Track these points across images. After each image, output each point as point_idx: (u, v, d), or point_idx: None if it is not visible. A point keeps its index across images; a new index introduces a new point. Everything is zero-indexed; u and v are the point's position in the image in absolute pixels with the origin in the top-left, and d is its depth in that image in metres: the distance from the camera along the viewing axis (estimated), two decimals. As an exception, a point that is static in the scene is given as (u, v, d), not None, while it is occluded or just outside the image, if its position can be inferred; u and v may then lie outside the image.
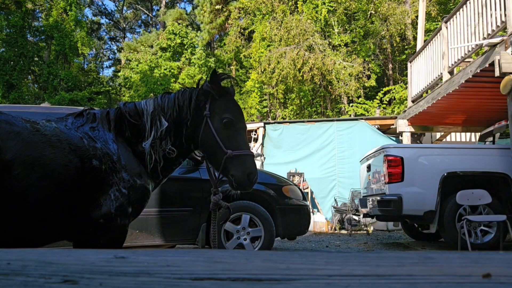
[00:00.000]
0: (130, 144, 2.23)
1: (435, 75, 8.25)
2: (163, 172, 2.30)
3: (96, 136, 2.15)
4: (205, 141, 2.28)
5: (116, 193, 2.09)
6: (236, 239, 4.72)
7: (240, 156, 2.24)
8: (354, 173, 9.59)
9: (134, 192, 2.14)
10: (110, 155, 2.12)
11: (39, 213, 1.97)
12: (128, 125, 2.24)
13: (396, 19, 15.94)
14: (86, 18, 25.20)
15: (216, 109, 2.30)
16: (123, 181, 2.12)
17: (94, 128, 2.18)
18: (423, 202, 5.80)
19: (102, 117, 2.24)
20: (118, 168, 2.12)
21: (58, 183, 1.98)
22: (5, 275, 0.60)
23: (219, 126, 2.26)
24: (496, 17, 6.07)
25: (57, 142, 2.02)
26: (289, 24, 16.17)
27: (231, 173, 2.24)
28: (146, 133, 2.23)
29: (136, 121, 2.25)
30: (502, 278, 0.60)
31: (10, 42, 19.94)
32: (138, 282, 0.58)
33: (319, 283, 0.58)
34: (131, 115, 2.25)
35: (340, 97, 17.24)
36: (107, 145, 2.14)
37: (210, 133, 2.26)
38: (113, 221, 2.10)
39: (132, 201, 2.15)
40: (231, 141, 2.25)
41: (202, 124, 2.28)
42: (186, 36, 22.07)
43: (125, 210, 2.13)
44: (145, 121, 2.24)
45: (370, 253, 0.85)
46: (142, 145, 2.21)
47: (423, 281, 0.59)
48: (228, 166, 2.23)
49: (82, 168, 2.03)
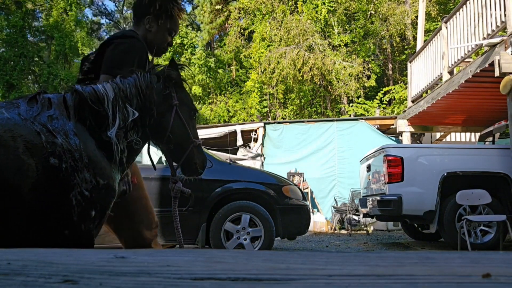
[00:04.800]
0: (94, 134, 2.02)
1: (435, 75, 8.25)
2: (127, 163, 2.17)
3: (56, 128, 1.90)
4: (176, 131, 2.22)
5: (78, 196, 1.88)
6: (236, 239, 4.72)
7: (200, 145, 2.32)
8: (354, 173, 9.60)
9: (97, 194, 1.95)
10: (71, 151, 1.89)
11: None
12: (91, 112, 2.02)
13: (396, 19, 15.95)
14: (86, 18, 25.24)
15: (183, 99, 2.27)
16: (86, 182, 1.91)
17: (52, 117, 1.92)
18: (423, 202, 5.80)
19: (59, 102, 1.99)
20: (80, 167, 1.90)
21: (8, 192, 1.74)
22: (5, 275, 0.60)
23: (187, 117, 2.26)
24: (496, 17, 6.07)
25: (11, 140, 1.78)
26: (289, 24, 16.18)
27: (194, 160, 2.28)
28: (110, 121, 2.03)
29: (98, 108, 2.03)
30: (502, 278, 0.60)
31: (10, 42, 19.95)
32: (138, 282, 0.58)
33: (319, 283, 0.58)
34: (92, 101, 2.03)
35: (340, 97, 17.24)
36: (68, 139, 1.90)
37: (180, 123, 2.22)
38: (76, 229, 1.90)
39: (95, 204, 1.96)
40: (194, 131, 2.30)
41: (170, 113, 2.20)
42: (186, 36, 22.07)
43: (88, 215, 1.94)
44: (107, 108, 2.04)
45: (370, 253, 0.85)
46: (107, 134, 2.02)
47: (423, 281, 0.59)
48: (192, 154, 2.27)
49: (38, 171, 1.80)
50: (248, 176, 5.00)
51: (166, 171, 4.61)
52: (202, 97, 21.27)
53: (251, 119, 17.05)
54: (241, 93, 20.58)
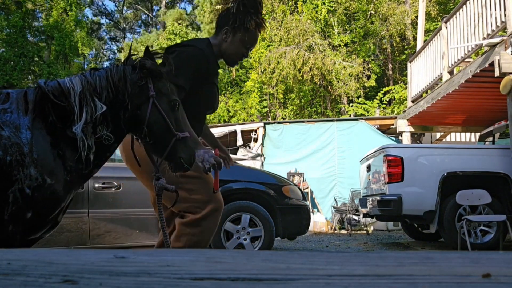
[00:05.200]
0: (55, 131, 1.91)
1: (435, 75, 8.25)
2: (96, 160, 2.01)
3: (6, 121, 1.82)
4: (154, 124, 2.07)
5: (17, 193, 1.77)
6: (236, 239, 4.72)
7: (185, 138, 2.14)
8: (354, 173, 9.60)
9: (40, 194, 1.82)
10: (20, 145, 1.80)
11: None
12: (53, 107, 1.91)
13: (396, 19, 15.95)
14: (86, 18, 25.23)
15: (162, 90, 2.11)
16: (29, 179, 1.80)
17: (6, 110, 1.85)
18: (423, 202, 5.80)
19: (19, 98, 1.91)
20: (27, 162, 1.80)
21: None
22: (5, 275, 0.60)
23: (167, 108, 2.10)
24: (496, 17, 6.07)
25: None
26: (289, 24, 16.18)
27: (179, 155, 2.11)
28: (76, 116, 1.92)
29: (62, 102, 1.92)
30: (502, 278, 0.60)
31: (10, 42, 19.96)
32: (138, 282, 0.58)
33: (319, 283, 0.58)
34: (55, 95, 1.92)
35: (340, 97, 17.24)
36: (18, 133, 1.81)
37: (159, 116, 2.07)
38: (4, 229, 1.78)
39: (35, 205, 1.83)
40: (178, 124, 2.13)
41: (146, 105, 2.06)
42: (186, 36, 22.08)
43: (22, 216, 1.81)
44: (73, 102, 1.92)
45: (370, 253, 0.85)
46: (72, 130, 1.90)
47: (423, 281, 0.59)
48: (176, 148, 2.11)
49: None
50: (248, 176, 5.00)
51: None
52: (202, 97, 21.25)
53: (251, 119, 17.05)
54: (241, 93, 20.58)
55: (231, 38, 2.34)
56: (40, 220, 1.90)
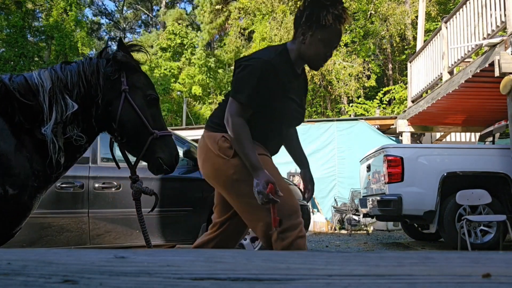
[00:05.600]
0: (20, 132, 1.71)
1: (435, 75, 8.25)
2: (67, 162, 1.84)
3: None
4: (126, 121, 1.89)
5: None
6: (236, 239, 4.71)
7: (165, 137, 1.96)
8: (354, 173, 9.59)
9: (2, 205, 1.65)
10: None
11: None
12: (19, 106, 1.71)
13: (396, 19, 15.95)
14: (86, 18, 25.24)
15: (136, 84, 1.94)
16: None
17: None
18: (423, 202, 5.80)
19: None
20: None
21: None
22: (5, 275, 0.60)
23: (142, 104, 1.92)
24: (496, 17, 6.07)
25: None
26: (289, 24, 16.18)
27: (158, 155, 1.94)
28: (45, 116, 1.74)
29: (30, 101, 1.74)
30: (502, 278, 0.60)
31: (10, 42, 19.96)
32: (138, 282, 0.58)
33: (319, 283, 0.58)
34: (21, 93, 1.73)
35: (340, 97, 17.25)
36: None
37: (132, 112, 1.89)
38: None
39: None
40: (156, 121, 1.95)
41: (119, 101, 1.87)
42: (186, 36, 22.09)
43: None
44: (42, 100, 1.74)
45: (370, 253, 0.85)
46: (41, 131, 1.72)
47: (423, 281, 0.59)
48: (154, 148, 1.92)
49: None
50: (248, 176, 4.99)
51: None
52: (202, 97, 21.27)
53: (251, 119, 17.04)
54: (241, 93, 20.56)
55: (309, 39, 2.04)
56: (5, 233, 1.75)
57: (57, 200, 4.09)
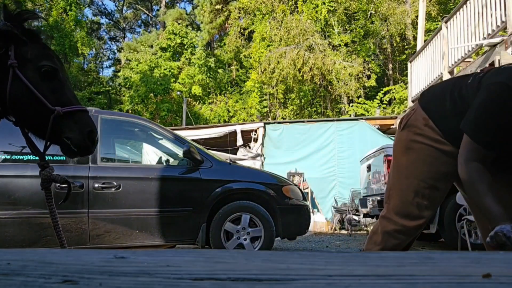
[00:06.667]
0: None
1: (435, 75, 8.25)
2: None
3: None
4: (18, 100, 1.65)
5: None
6: (236, 239, 4.72)
7: (73, 113, 1.69)
8: (354, 173, 9.60)
9: None
10: None
11: None
12: None
13: (396, 19, 15.96)
14: (86, 18, 25.24)
15: (26, 56, 1.69)
16: None
17: None
18: (423, 202, 5.79)
19: None
20: None
21: None
22: (5, 275, 0.60)
23: (36, 78, 1.68)
24: (496, 17, 6.07)
25: None
26: (289, 24, 16.19)
27: (65, 135, 1.69)
28: None
29: None
30: (502, 278, 0.60)
31: (10, 42, 19.96)
32: (138, 282, 0.58)
33: (319, 283, 0.58)
34: None
35: (340, 97, 17.25)
36: None
37: (23, 88, 1.65)
38: None
39: None
40: (58, 96, 1.69)
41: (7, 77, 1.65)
42: (186, 36, 22.09)
43: None
44: None
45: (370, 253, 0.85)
46: None
47: (423, 281, 0.59)
48: (59, 127, 1.68)
49: None
50: (248, 176, 4.99)
51: (167, 171, 4.62)
52: (202, 97, 21.27)
53: (251, 119, 17.06)
54: (241, 93, 20.59)
55: None
56: None
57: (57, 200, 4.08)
